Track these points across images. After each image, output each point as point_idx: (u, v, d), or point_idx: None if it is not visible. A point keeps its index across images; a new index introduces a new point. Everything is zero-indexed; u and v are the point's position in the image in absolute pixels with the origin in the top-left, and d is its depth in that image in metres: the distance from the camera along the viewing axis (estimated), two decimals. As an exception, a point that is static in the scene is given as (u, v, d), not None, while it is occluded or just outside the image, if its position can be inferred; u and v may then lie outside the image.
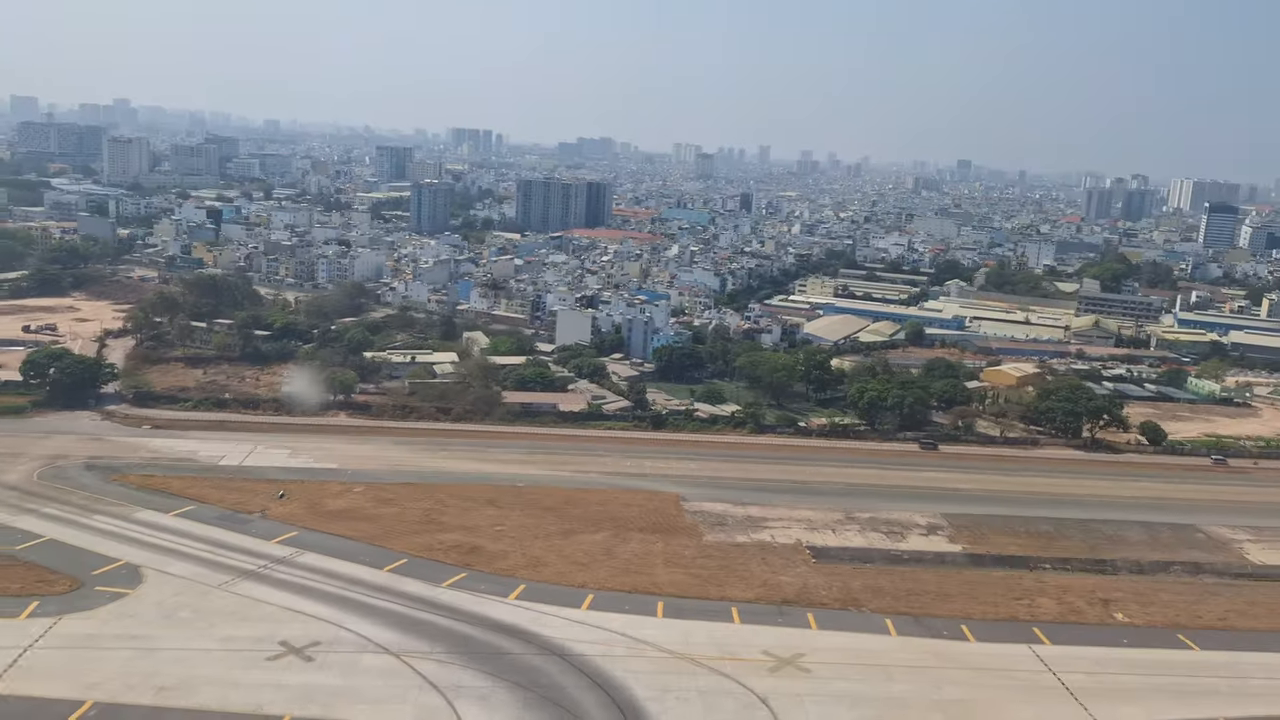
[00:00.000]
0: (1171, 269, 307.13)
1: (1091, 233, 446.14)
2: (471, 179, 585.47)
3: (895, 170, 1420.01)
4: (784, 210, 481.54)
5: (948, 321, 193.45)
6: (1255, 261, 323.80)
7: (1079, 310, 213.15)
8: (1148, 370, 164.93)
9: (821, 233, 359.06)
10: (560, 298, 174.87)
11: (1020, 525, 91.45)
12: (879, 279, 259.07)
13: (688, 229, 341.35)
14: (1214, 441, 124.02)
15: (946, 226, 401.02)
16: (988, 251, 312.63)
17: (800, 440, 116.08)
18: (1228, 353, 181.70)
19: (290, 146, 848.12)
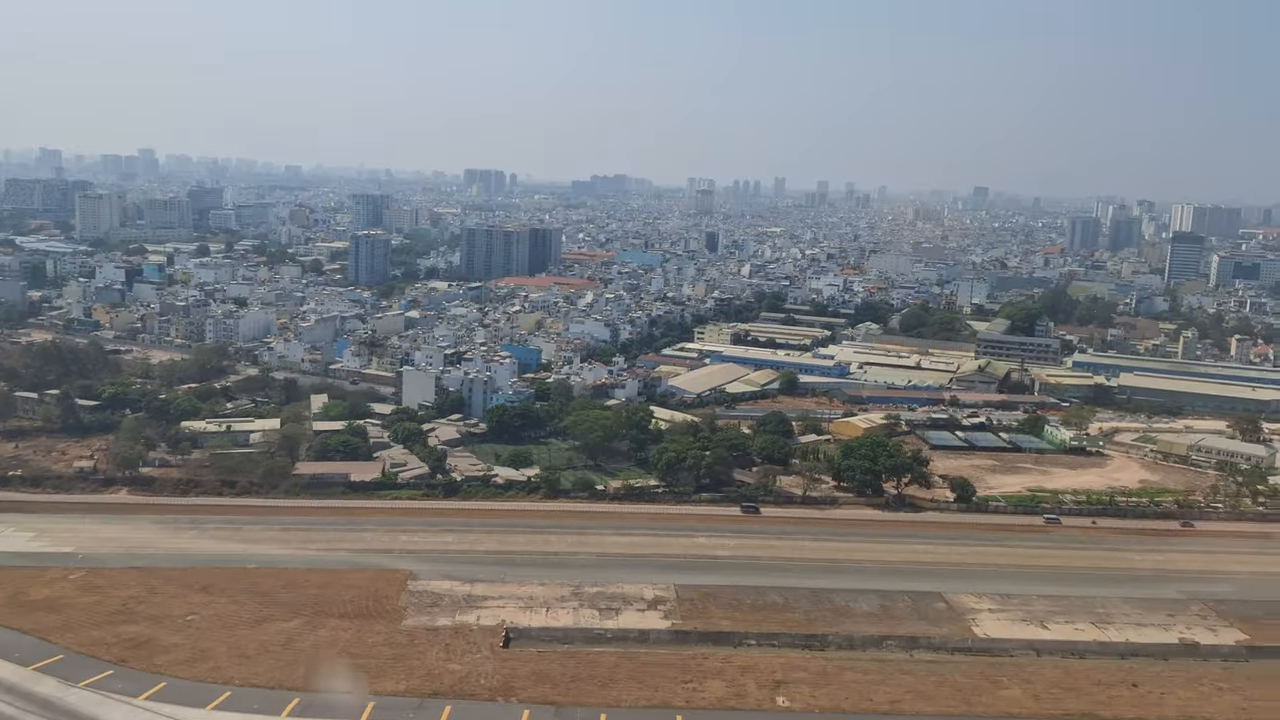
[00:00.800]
0: (1116, 304, 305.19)
1: (1065, 264, 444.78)
2: (445, 226, 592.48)
3: (914, 198, 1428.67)
4: (749, 249, 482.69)
5: (829, 369, 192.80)
6: (1206, 294, 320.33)
7: (977, 353, 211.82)
8: (1021, 416, 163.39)
9: (767, 273, 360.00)
10: (427, 356, 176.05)
11: (751, 596, 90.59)
12: (797, 322, 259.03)
13: (628, 273, 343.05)
14: (1029, 497, 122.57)
15: (901, 263, 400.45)
16: (925, 290, 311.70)
17: (591, 505, 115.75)
18: (1114, 397, 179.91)
19: (296, 194, 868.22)
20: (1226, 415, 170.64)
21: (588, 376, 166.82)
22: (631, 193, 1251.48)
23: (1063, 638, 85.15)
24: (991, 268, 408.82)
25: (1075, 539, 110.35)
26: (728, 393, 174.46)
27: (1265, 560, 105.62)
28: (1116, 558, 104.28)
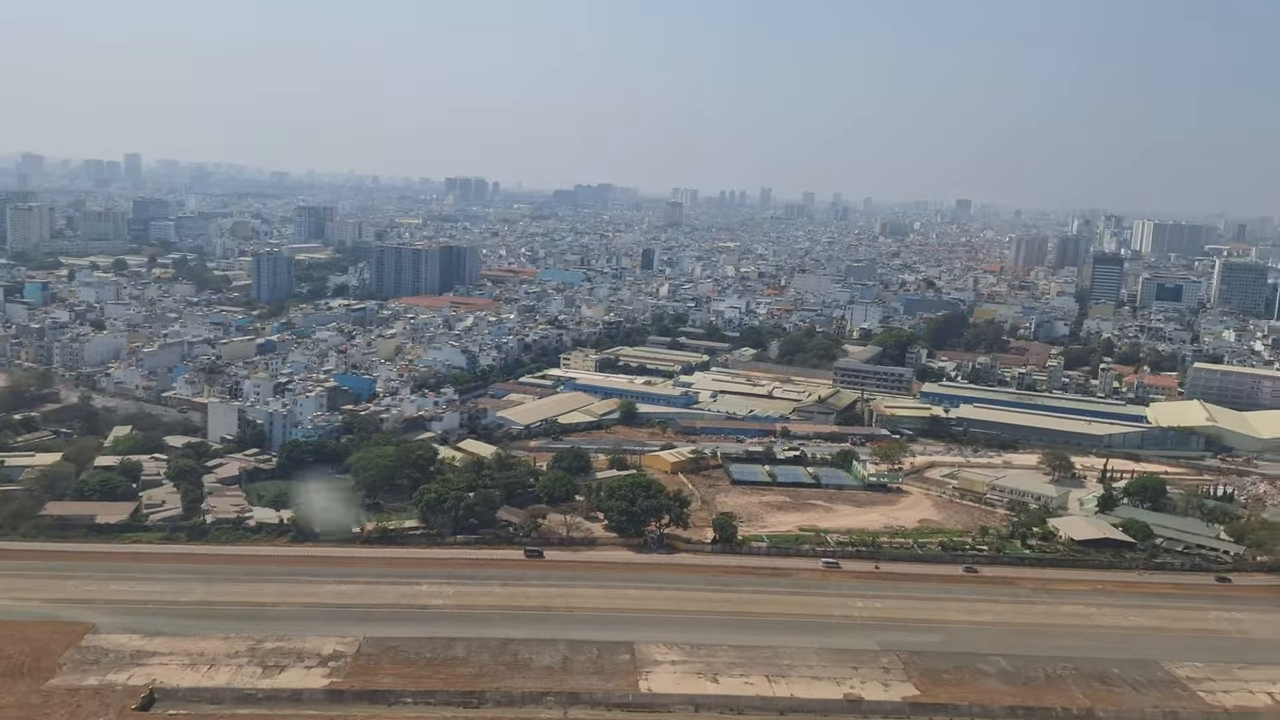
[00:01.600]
0: (1017, 327, 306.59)
1: (995, 283, 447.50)
2: (394, 238, 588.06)
3: (898, 210, 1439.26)
4: (684, 266, 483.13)
5: (674, 399, 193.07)
6: (1106, 319, 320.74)
7: (835, 381, 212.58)
8: (846, 448, 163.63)
9: (682, 294, 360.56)
10: (255, 385, 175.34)
11: (435, 650, 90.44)
12: (683, 346, 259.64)
13: (535, 293, 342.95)
14: (792, 537, 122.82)
15: (823, 284, 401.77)
16: (825, 313, 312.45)
17: (333, 550, 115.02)
18: (949, 429, 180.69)
19: (266, 201, 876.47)
20: (1057, 450, 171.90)
21: (407, 408, 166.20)
22: (614, 202, 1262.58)
23: (729, 692, 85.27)
24: (914, 288, 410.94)
25: (810, 584, 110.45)
26: (560, 424, 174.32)
27: (997, 608, 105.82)
28: (838, 604, 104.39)
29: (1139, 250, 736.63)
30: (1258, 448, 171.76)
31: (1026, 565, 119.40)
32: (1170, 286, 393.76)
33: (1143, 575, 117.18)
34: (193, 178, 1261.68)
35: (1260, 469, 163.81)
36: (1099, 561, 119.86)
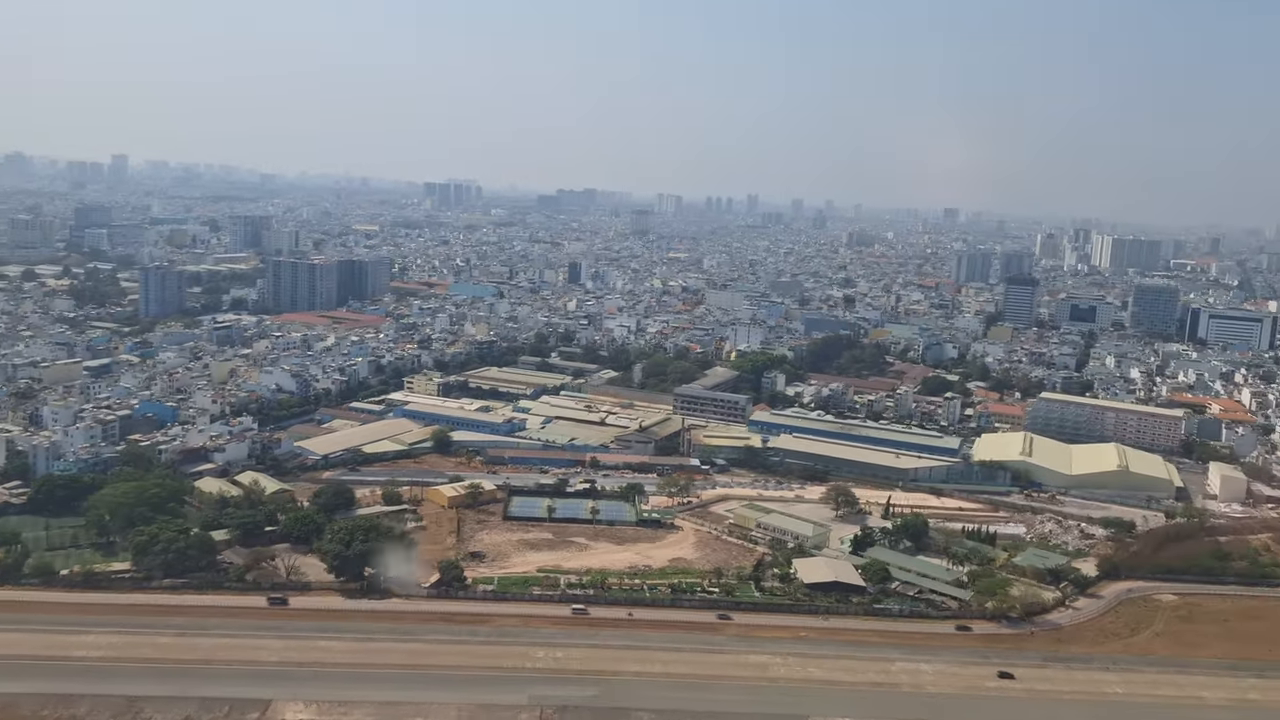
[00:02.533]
0: (908, 350, 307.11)
1: (920, 302, 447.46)
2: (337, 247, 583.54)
3: (889, 216, 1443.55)
4: (610, 280, 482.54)
5: (497, 426, 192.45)
6: (994, 342, 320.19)
7: (675, 408, 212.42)
8: (656, 479, 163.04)
9: (584, 310, 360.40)
10: (54, 412, 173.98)
11: (58, 707, 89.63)
12: (552, 368, 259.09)
13: (429, 309, 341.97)
14: (522, 580, 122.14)
15: (736, 300, 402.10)
16: (713, 334, 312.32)
17: (33, 594, 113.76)
18: (766, 459, 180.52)
19: (233, 204, 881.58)
20: (868, 482, 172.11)
21: (193, 439, 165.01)
22: (597, 207, 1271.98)
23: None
24: (830, 306, 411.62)
25: (510, 632, 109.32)
26: (363, 454, 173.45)
27: (679, 658, 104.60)
28: (520, 655, 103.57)
29: (1096, 265, 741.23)
30: (1065, 484, 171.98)
31: (776, 611, 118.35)
32: (1084, 307, 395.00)
33: (865, 621, 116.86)
34: (175, 180, 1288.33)
35: (1060, 506, 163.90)
36: (824, 608, 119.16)
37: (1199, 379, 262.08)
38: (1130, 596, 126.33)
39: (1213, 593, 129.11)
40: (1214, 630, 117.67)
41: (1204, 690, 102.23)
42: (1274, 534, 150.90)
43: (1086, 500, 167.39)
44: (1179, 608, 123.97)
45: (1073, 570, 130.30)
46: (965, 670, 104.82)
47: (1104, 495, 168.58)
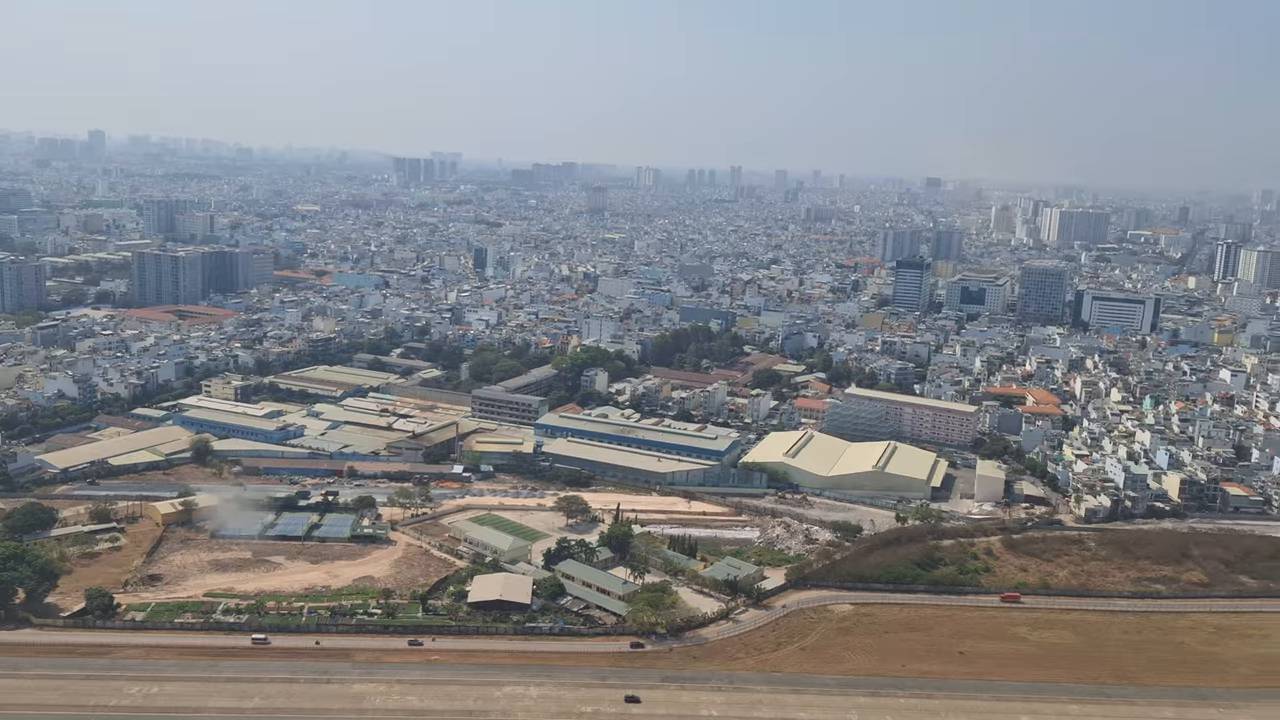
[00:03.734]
0: (768, 340, 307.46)
1: (827, 283, 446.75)
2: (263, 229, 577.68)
3: (874, 184, 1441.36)
4: (514, 268, 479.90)
5: (271, 434, 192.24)
6: (850, 329, 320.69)
7: (473, 411, 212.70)
8: (370, 494, 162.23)
9: (464, 300, 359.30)
10: None
11: None
12: (386, 367, 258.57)
13: (292, 301, 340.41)
14: (176, 606, 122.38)
15: (625, 287, 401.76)
16: (574, 327, 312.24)
17: None
18: (535, 465, 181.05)
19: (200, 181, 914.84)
20: (628, 487, 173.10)
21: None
22: (572, 182, 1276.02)
23: None
24: (721, 291, 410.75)
25: (124, 664, 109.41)
26: (111, 466, 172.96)
27: (288, 690, 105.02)
28: (112, 690, 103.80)
29: (1045, 240, 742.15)
30: (821, 485, 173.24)
31: (470, 635, 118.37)
32: (974, 290, 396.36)
33: (513, 642, 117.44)
34: (146, 157, 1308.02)
35: (803, 509, 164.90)
36: (476, 628, 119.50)
37: (1039, 367, 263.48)
38: (803, 607, 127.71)
39: (895, 602, 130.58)
40: (866, 643, 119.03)
41: (802, 711, 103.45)
42: (1005, 536, 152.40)
43: (838, 501, 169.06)
44: (847, 619, 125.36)
45: (755, 581, 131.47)
46: (577, 693, 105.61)
47: (858, 496, 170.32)
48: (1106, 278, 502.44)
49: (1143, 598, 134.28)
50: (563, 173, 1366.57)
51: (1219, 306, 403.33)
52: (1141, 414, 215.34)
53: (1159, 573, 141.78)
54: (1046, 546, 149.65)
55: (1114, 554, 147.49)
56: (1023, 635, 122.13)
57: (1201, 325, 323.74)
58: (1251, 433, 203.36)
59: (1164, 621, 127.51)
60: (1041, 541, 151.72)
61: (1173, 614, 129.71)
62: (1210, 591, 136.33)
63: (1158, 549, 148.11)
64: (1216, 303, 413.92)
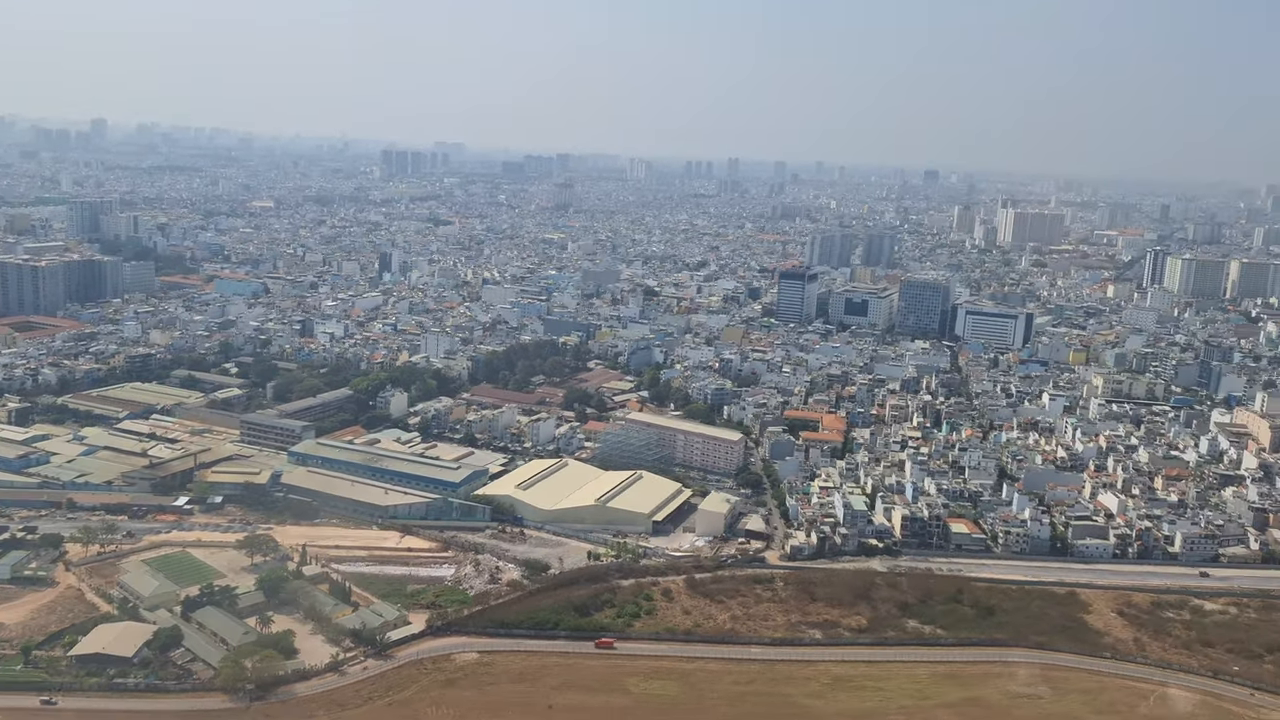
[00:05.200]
0: (619, 355, 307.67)
1: (728, 291, 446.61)
2: (174, 231, 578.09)
3: (875, 178, 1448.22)
4: (418, 269, 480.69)
5: (11, 462, 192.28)
6: (713, 348, 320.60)
7: (241, 435, 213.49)
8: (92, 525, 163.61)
9: (339, 309, 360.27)
10: None
11: None
12: (196, 385, 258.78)
13: (145, 313, 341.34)
14: None
15: (506, 295, 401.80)
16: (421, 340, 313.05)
17: None
18: (270, 495, 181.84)
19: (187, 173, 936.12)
20: (352, 520, 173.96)
21: None
22: (571, 173, 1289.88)
23: None
24: (613, 300, 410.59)
25: None
26: None
27: None
28: None
29: (999, 241, 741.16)
30: (544, 519, 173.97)
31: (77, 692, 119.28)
32: (857, 301, 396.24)
33: (109, 699, 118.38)
34: (143, 147, 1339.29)
35: (515, 545, 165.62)
36: (61, 684, 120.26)
37: (861, 388, 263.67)
38: (424, 657, 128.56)
39: (524, 650, 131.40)
40: (462, 697, 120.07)
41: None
42: (689, 576, 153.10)
43: (555, 536, 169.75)
44: (461, 670, 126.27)
45: (390, 629, 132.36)
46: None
47: (579, 530, 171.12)
48: (1024, 286, 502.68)
49: (780, 644, 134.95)
50: (550, 164, 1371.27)
51: (1114, 320, 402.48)
52: (922, 441, 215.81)
53: (825, 616, 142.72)
54: (729, 587, 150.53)
55: (793, 595, 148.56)
56: (628, 687, 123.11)
57: (1055, 343, 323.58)
58: (1028, 464, 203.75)
59: (786, 671, 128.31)
60: (729, 581, 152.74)
61: (800, 663, 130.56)
62: (857, 638, 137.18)
63: (839, 590, 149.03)
64: (1113, 316, 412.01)
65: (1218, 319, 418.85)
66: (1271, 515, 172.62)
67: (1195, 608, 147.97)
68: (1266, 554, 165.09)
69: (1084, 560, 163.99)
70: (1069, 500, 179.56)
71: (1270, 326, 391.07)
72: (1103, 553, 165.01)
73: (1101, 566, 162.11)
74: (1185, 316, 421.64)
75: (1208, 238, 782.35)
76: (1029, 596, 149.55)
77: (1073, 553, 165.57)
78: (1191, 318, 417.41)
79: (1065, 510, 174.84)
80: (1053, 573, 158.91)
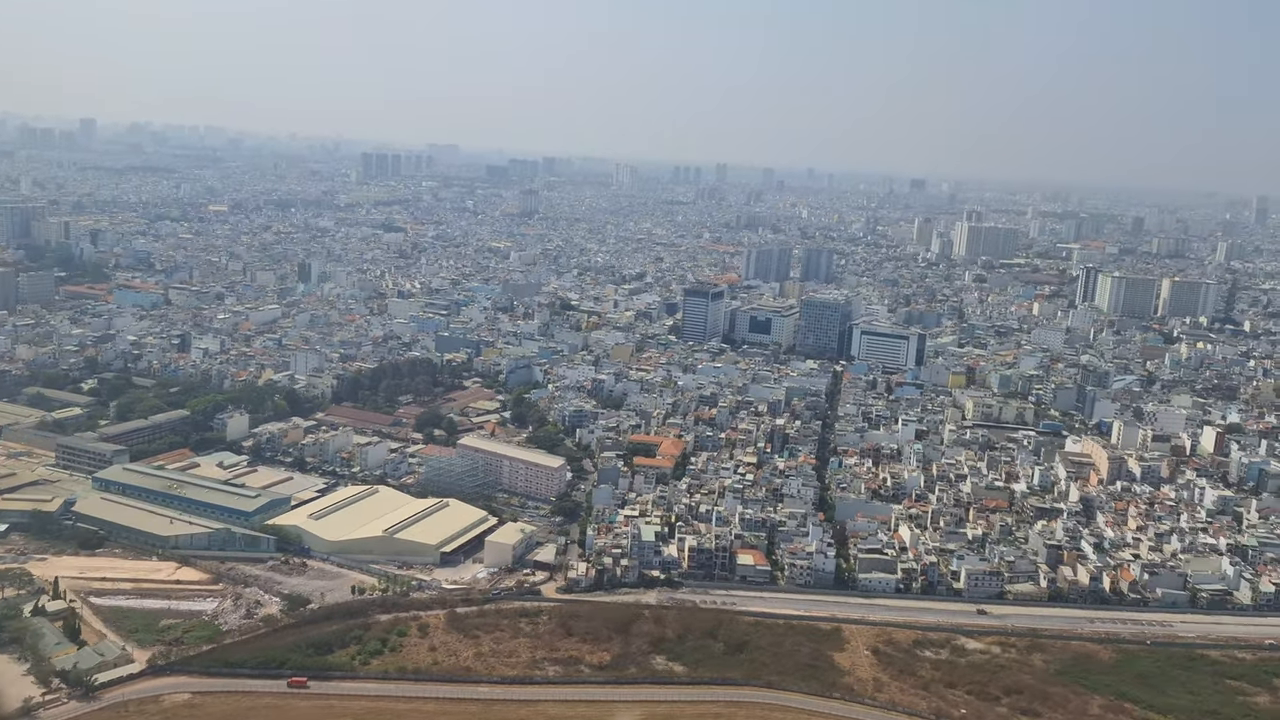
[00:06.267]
0: (497, 376, 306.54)
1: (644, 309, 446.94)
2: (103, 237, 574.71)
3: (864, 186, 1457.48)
4: (326, 284, 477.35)
5: None
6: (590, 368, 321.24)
7: (57, 459, 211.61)
8: None
9: (233, 321, 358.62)
10: None
11: None
12: (45, 403, 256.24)
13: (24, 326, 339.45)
14: None
15: (412, 309, 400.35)
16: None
17: None
18: (58, 524, 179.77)
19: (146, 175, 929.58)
20: (138, 551, 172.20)
21: None
22: (556, 176, 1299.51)
23: None
24: (522, 315, 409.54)
25: None
26: None
27: None
28: None
29: (954, 254, 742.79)
30: (331, 550, 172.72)
31: None
32: (762, 319, 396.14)
33: None
34: (128, 147, 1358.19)
35: (293, 577, 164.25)
36: None
37: (721, 411, 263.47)
38: (131, 699, 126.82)
39: (242, 690, 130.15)
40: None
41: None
42: (450, 610, 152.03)
43: (338, 568, 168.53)
44: (165, 711, 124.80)
45: (103, 669, 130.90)
46: None
47: (366, 560, 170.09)
48: (953, 303, 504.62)
49: (510, 683, 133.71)
50: (542, 168, 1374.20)
51: (1023, 339, 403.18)
52: (754, 467, 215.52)
53: (572, 652, 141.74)
54: (490, 622, 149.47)
55: (551, 630, 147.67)
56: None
57: (937, 365, 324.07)
58: (849, 492, 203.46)
59: (503, 712, 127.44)
60: (493, 616, 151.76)
61: (521, 702, 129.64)
62: (594, 676, 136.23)
63: (597, 625, 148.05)
64: (1024, 335, 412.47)
65: (1136, 339, 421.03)
66: (1066, 553, 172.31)
67: (957, 646, 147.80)
68: (1054, 592, 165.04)
69: (867, 594, 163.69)
70: (867, 532, 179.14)
71: (1182, 348, 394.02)
72: (886, 587, 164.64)
73: (882, 601, 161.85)
74: (1102, 336, 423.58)
75: (1171, 251, 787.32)
76: (790, 632, 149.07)
77: (857, 587, 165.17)
78: (1106, 338, 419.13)
79: (859, 542, 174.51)
80: (829, 607, 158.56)
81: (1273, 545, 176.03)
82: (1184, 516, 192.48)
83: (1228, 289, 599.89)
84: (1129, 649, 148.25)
